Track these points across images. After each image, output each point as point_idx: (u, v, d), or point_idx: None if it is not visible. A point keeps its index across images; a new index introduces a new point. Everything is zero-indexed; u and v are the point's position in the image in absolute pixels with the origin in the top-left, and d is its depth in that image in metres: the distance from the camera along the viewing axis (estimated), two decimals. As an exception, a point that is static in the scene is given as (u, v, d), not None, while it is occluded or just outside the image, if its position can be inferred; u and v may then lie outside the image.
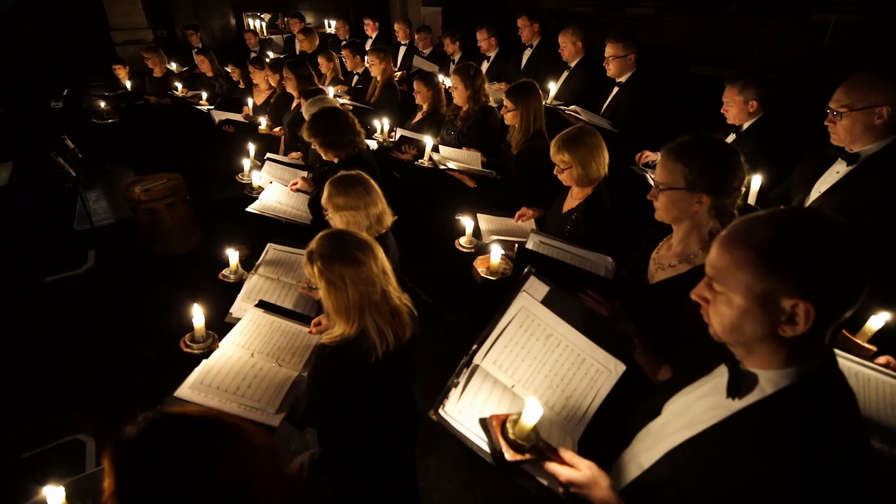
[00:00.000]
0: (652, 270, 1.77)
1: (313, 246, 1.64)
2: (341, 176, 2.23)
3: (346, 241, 1.62)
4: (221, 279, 2.60)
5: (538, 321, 1.45)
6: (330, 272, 1.57)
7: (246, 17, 8.15)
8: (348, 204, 2.16)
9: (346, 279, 1.56)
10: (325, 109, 2.93)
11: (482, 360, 1.42)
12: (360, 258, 1.58)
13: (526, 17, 4.80)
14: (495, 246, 2.07)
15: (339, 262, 1.57)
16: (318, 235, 1.66)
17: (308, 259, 1.63)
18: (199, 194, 5.58)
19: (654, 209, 1.68)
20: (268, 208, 3.10)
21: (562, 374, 1.40)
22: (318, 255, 1.60)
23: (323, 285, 1.60)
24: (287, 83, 4.29)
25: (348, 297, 1.57)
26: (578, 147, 2.29)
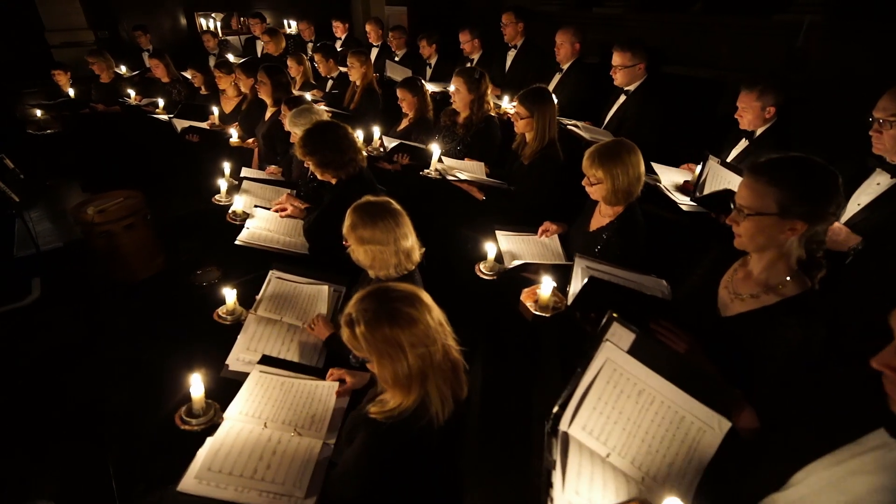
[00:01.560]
0: (724, 300, 1.60)
1: (352, 311, 1.37)
2: (367, 204, 1.95)
3: (392, 299, 1.36)
4: (217, 320, 2.27)
5: (627, 375, 1.25)
6: (381, 340, 1.32)
7: (198, 17, 7.61)
8: (375, 238, 1.89)
9: (402, 344, 1.31)
10: (321, 124, 2.63)
11: (568, 425, 1.21)
12: (413, 315, 1.33)
13: (512, 14, 4.61)
14: (546, 278, 1.85)
15: (390, 326, 1.31)
16: (356, 298, 1.39)
17: (347, 326, 1.36)
18: (159, 210, 5.12)
19: (735, 236, 1.51)
20: (258, 238, 2.76)
21: (660, 437, 1.21)
22: (363, 321, 1.33)
23: (374, 356, 1.34)
24: (260, 89, 3.94)
25: (408, 365, 1.31)
26: (615, 163, 2.11)
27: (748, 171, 1.46)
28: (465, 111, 3.54)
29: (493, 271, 2.32)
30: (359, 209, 1.95)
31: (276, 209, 3.02)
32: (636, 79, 3.52)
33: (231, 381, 1.97)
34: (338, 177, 2.61)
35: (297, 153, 2.61)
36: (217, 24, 7.49)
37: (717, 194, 2.36)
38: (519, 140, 3.06)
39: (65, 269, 4.78)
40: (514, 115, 2.96)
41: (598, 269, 1.94)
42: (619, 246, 2.18)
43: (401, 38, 5.67)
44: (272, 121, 3.99)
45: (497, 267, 2.33)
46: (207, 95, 5.08)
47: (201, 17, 7.61)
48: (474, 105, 3.50)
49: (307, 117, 3.05)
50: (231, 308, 2.24)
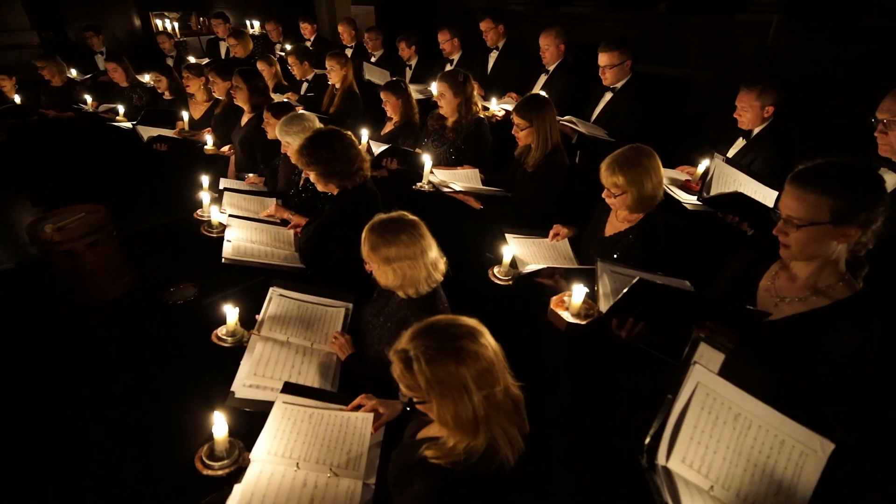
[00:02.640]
0: (766, 303, 1.55)
1: (408, 347, 1.23)
2: (383, 221, 1.81)
3: (455, 335, 1.22)
4: (216, 342, 2.07)
5: (721, 399, 1.17)
6: (444, 379, 1.18)
7: (153, 18, 7.17)
8: (401, 254, 1.76)
9: (467, 384, 1.17)
10: (325, 132, 2.45)
11: (666, 459, 1.11)
12: (478, 352, 1.20)
13: (490, 20, 4.53)
14: (578, 286, 1.76)
15: (456, 364, 1.18)
16: (411, 333, 1.25)
17: (403, 364, 1.22)
18: (122, 225, 4.76)
19: (781, 245, 1.46)
20: (245, 253, 2.53)
21: (762, 464, 1.13)
22: (424, 359, 1.19)
23: (434, 397, 1.20)
24: (236, 94, 3.70)
25: (473, 407, 1.18)
26: (638, 170, 2.04)
27: (793, 182, 1.42)
28: (454, 115, 3.43)
29: (509, 276, 2.21)
30: (376, 229, 1.81)
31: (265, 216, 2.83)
32: (623, 76, 3.50)
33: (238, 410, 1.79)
34: (342, 187, 2.45)
35: (298, 162, 2.43)
36: (175, 25, 7.07)
37: (727, 196, 2.33)
38: (522, 148, 2.97)
39: (18, 292, 4.38)
40: (514, 128, 2.88)
41: (622, 272, 1.87)
42: (641, 251, 2.11)
43: (377, 39, 5.49)
44: (250, 127, 3.75)
45: (513, 272, 2.22)
46: (172, 100, 4.75)
47: (157, 18, 7.17)
48: (462, 108, 3.39)
49: (300, 124, 2.86)
50: (232, 329, 2.05)
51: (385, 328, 1.93)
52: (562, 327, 1.79)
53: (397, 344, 1.26)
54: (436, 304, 1.85)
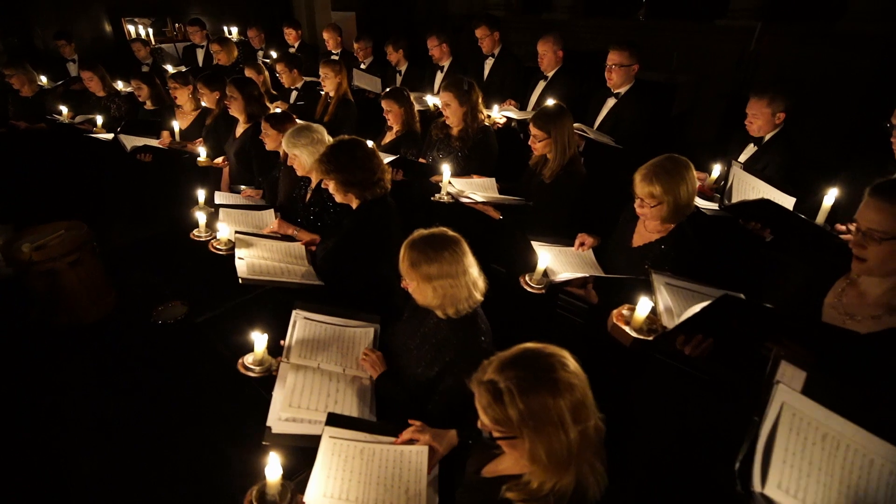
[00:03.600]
0: (833, 321, 1.53)
1: (497, 379, 1.14)
2: (426, 237, 1.73)
3: (545, 364, 1.15)
4: (243, 372, 1.95)
5: (808, 419, 1.14)
6: (540, 413, 1.10)
7: (125, 24, 6.89)
8: (443, 272, 1.68)
9: (564, 417, 1.10)
10: (347, 141, 2.35)
11: (762, 486, 1.07)
12: (570, 381, 1.13)
13: (485, 27, 4.51)
14: (644, 300, 1.70)
15: (553, 397, 1.11)
16: (498, 363, 1.17)
17: (493, 399, 1.14)
18: (102, 240, 4.52)
19: (856, 260, 1.44)
20: (260, 270, 2.40)
21: (854, 486, 1.10)
22: (518, 392, 1.11)
23: (527, 432, 1.12)
24: (231, 104, 3.55)
25: (569, 442, 1.11)
26: (676, 180, 2.01)
27: (876, 194, 1.40)
28: (460, 124, 3.38)
29: (542, 285, 2.16)
30: (417, 244, 1.73)
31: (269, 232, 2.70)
32: (627, 81, 3.52)
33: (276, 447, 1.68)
34: (362, 198, 2.35)
35: (318, 171, 2.33)
36: (149, 31, 6.82)
37: (753, 204, 2.34)
38: (537, 158, 2.94)
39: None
40: (531, 139, 2.84)
41: (678, 284, 1.83)
42: (676, 261, 2.09)
43: (367, 47, 5.39)
44: (246, 138, 3.61)
45: (545, 280, 2.17)
46: (155, 110, 4.55)
47: (129, 24, 6.90)
48: (468, 116, 3.35)
49: (308, 136, 2.76)
50: (260, 357, 1.93)
51: (422, 350, 1.85)
52: (626, 343, 1.73)
53: (481, 374, 1.18)
54: (477, 326, 1.78)
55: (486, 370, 1.18)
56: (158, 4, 7.20)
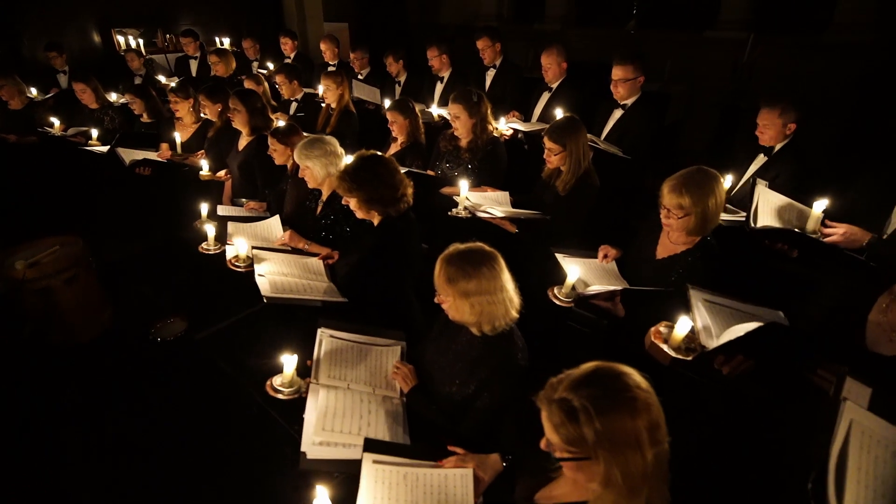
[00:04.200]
0: (878, 337, 1.51)
1: (570, 397, 1.11)
2: (462, 252, 1.69)
3: (622, 382, 1.11)
4: (272, 394, 1.88)
5: (877, 437, 1.12)
6: (618, 434, 1.06)
7: (115, 35, 6.78)
8: (482, 288, 1.64)
9: (641, 438, 1.07)
10: (370, 157, 2.31)
11: (838, 507, 1.05)
12: (647, 401, 1.09)
13: (487, 38, 4.52)
14: (684, 319, 1.68)
15: (632, 416, 1.07)
16: (570, 381, 1.13)
17: (567, 418, 1.09)
18: (96, 255, 4.39)
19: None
20: (283, 288, 2.32)
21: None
22: (595, 412, 1.07)
23: (603, 453, 1.07)
24: (235, 117, 3.49)
25: (645, 463, 1.07)
26: (706, 192, 1.99)
27: None
28: (469, 136, 3.37)
29: (571, 298, 2.13)
30: (455, 259, 1.69)
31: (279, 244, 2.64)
32: (634, 93, 3.54)
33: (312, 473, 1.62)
34: (385, 214, 2.31)
35: (339, 188, 2.28)
36: (140, 42, 6.71)
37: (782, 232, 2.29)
38: (550, 170, 2.93)
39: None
40: (546, 153, 2.83)
41: (714, 300, 1.82)
42: (704, 274, 2.08)
43: (363, 58, 5.37)
44: (250, 150, 3.55)
45: (574, 293, 2.14)
46: (152, 123, 4.47)
47: (118, 35, 6.78)
48: (477, 128, 3.33)
49: (320, 148, 2.72)
50: (289, 379, 1.86)
51: (455, 367, 1.81)
52: (664, 362, 1.69)
53: (550, 392, 1.14)
54: (514, 343, 1.74)
55: (555, 388, 1.14)
56: (149, 15, 7.09)
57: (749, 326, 1.49)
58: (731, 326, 1.65)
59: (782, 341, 1.50)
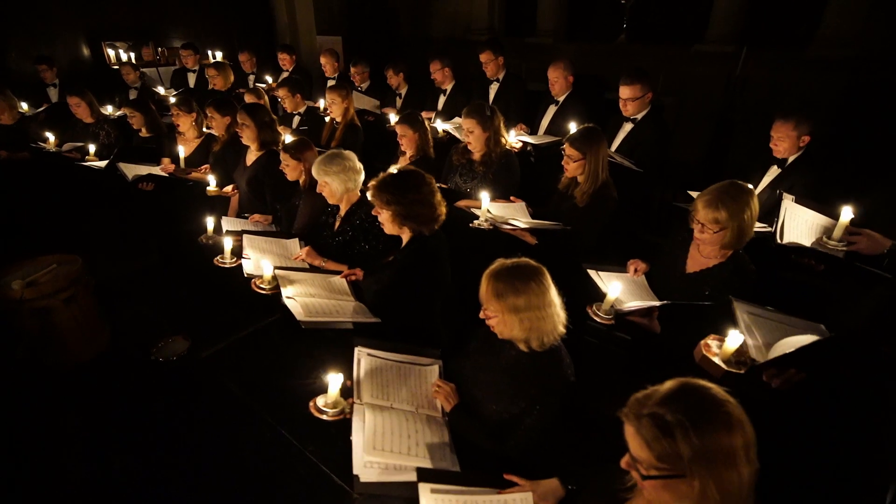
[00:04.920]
0: None
1: (661, 412, 1.08)
2: (510, 267, 1.67)
3: (717, 398, 1.08)
4: (316, 415, 1.80)
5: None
6: (715, 450, 1.04)
7: (105, 47, 6.66)
8: (530, 304, 1.61)
9: (739, 455, 1.04)
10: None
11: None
12: (742, 418, 1.07)
13: (490, 52, 4.55)
14: (735, 332, 1.66)
15: (728, 432, 1.05)
16: (661, 397, 1.11)
17: (660, 433, 1.06)
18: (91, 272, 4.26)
19: None
20: (315, 310, 2.22)
21: None
22: (692, 427, 1.04)
23: (699, 471, 1.05)
24: (243, 132, 3.43)
25: (741, 481, 1.04)
26: (739, 205, 2.00)
27: None
28: (483, 149, 3.37)
29: (611, 315, 2.11)
30: (503, 274, 1.66)
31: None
32: (644, 108, 3.58)
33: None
34: (417, 232, 2.27)
35: (374, 201, 2.23)
36: (131, 55, 6.60)
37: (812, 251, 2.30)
38: (567, 181, 2.94)
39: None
40: (564, 160, 2.84)
41: (757, 312, 1.82)
42: (738, 288, 2.07)
43: (364, 72, 5.36)
44: (258, 166, 3.49)
45: (614, 311, 2.12)
46: (151, 137, 4.37)
47: (109, 48, 6.67)
48: (490, 142, 3.34)
49: (340, 164, 2.67)
50: (334, 399, 1.79)
51: (500, 384, 1.77)
52: (716, 375, 1.68)
53: (637, 407, 1.11)
54: (562, 358, 1.72)
55: (643, 403, 1.11)
56: (140, 28, 6.99)
57: (803, 339, 1.49)
58: (782, 338, 1.65)
59: (840, 355, 1.50)
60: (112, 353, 3.84)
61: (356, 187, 2.75)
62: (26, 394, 3.43)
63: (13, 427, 3.18)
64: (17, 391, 3.43)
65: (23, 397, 3.40)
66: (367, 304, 2.31)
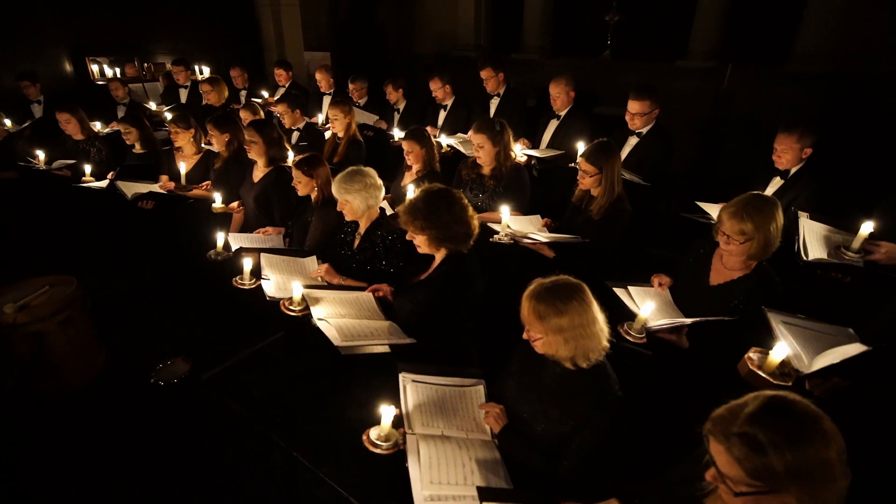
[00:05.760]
0: None
1: (751, 430, 1.08)
2: (549, 287, 1.66)
3: (808, 412, 1.09)
4: (371, 449, 1.75)
5: None
6: (812, 465, 1.04)
7: (90, 63, 6.51)
8: (574, 322, 1.61)
9: (835, 469, 1.05)
10: (441, 193, 2.23)
11: None
12: (834, 430, 1.08)
13: (490, 69, 4.61)
14: (781, 344, 1.69)
15: (824, 445, 1.05)
16: (747, 412, 1.10)
17: (752, 450, 1.06)
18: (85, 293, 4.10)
19: None
20: (350, 332, 2.12)
21: None
22: (787, 442, 1.05)
23: (795, 488, 1.05)
24: (251, 148, 3.38)
25: (839, 491, 1.06)
26: (764, 216, 2.04)
27: None
28: (492, 164, 3.39)
29: (643, 334, 2.12)
30: (543, 295, 1.65)
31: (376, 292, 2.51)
32: (650, 123, 3.66)
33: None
34: (453, 251, 2.24)
35: (407, 225, 2.20)
36: (116, 70, 6.46)
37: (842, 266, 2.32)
38: (581, 194, 2.98)
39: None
40: (580, 174, 2.88)
41: (791, 321, 1.85)
42: (765, 298, 2.11)
43: (362, 88, 5.38)
44: (267, 182, 3.44)
45: (646, 328, 2.13)
46: (145, 153, 4.28)
47: (93, 64, 6.52)
48: (500, 156, 3.37)
49: (361, 181, 2.65)
50: (387, 431, 1.74)
51: (545, 404, 1.75)
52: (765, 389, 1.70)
53: (725, 425, 1.11)
54: (609, 374, 1.71)
55: (729, 420, 1.11)
56: (125, 44, 6.86)
57: (849, 349, 1.53)
58: (817, 346, 1.69)
59: (885, 362, 1.54)
60: (109, 377, 3.70)
61: (377, 204, 2.73)
62: (19, 422, 3.27)
63: (5, 458, 3.02)
64: (9, 420, 3.27)
65: (15, 426, 3.24)
66: (399, 323, 2.27)
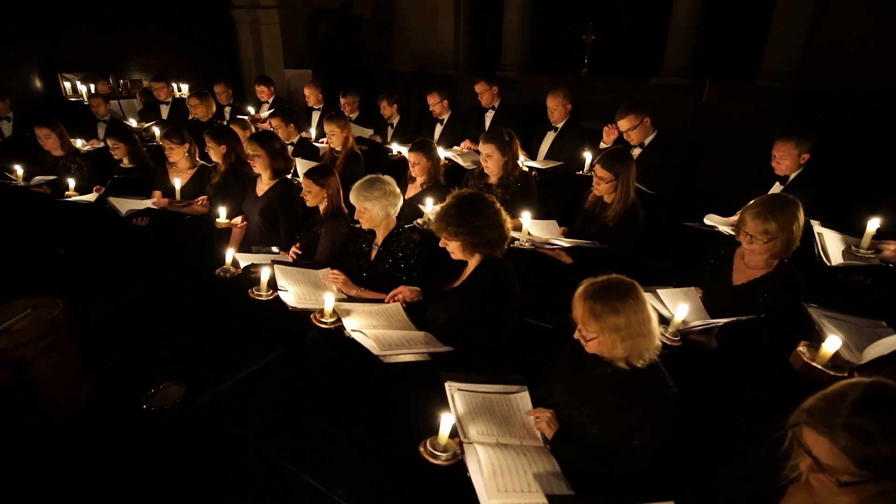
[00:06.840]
0: None
1: (855, 421, 1.08)
2: (603, 287, 1.64)
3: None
4: (429, 460, 1.67)
5: None
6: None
7: (62, 80, 6.27)
8: (630, 321, 1.59)
9: None
10: (473, 198, 2.20)
11: None
12: None
13: (484, 83, 4.68)
14: (834, 337, 1.71)
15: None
16: (848, 405, 1.10)
17: (857, 441, 1.06)
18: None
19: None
20: (391, 344, 2.03)
21: None
22: (892, 430, 1.05)
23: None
24: (255, 162, 3.29)
25: None
26: (787, 215, 2.09)
27: None
28: (500, 173, 3.42)
29: (678, 336, 2.13)
30: (598, 294, 1.63)
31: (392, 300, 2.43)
32: (648, 133, 3.75)
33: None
34: (488, 256, 2.21)
35: (440, 232, 2.16)
36: (91, 86, 6.24)
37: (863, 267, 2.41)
38: (594, 200, 3.01)
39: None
40: (595, 181, 2.92)
41: (831, 315, 1.89)
42: (791, 295, 2.16)
43: (354, 102, 5.36)
44: (273, 195, 3.34)
45: (682, 329, 2.14)
46: (133, 168, 4.12)
47: (66, 80, 6.28)
48: (508, 166, 3.40)
49: (380, 189, 2.61)
50: (445, 443, 1.67)
51: (596, 406, 1.72)
52: (823, 381, 1.71)
53: (825, 418, 1.10)
54: (664, 372, 1.70)
55: (830, 412, 1.11)
56: (99, 60, 6.65)
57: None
58: (858, 338, 1.73)
59: None
60: (97, 404, 3.48)
61: (395, 213, 2.69)
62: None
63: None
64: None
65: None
66: (433, 332, 2.21)
